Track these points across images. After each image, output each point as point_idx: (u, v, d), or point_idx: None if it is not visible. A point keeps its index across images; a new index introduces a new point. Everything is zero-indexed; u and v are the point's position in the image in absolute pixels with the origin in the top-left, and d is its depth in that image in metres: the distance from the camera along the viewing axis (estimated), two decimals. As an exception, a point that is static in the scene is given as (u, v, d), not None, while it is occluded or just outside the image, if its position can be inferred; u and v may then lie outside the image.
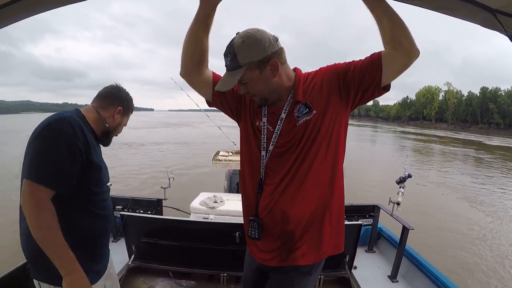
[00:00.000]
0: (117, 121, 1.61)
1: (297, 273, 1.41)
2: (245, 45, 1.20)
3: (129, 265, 2.94)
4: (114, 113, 1.58)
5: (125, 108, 1.64)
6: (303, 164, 1.31)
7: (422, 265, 2.86)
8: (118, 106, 1.59)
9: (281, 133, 1.34)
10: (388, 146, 30.35)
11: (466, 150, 29.26)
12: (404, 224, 2.88)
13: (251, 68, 1.23)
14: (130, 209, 3.49)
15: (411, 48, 1.13)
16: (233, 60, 1.22)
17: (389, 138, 42.20)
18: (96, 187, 1.45)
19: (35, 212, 1.22)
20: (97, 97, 1.60)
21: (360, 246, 3.19)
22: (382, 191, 10.17)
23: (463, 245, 6.86)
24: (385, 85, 1.24)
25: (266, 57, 1.22)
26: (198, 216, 3.62)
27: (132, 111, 1.73)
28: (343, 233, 1.48)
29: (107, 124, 1.56)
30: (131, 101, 1.69)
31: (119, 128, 1.67)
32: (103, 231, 1.54)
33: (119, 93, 1.63)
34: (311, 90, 1.32)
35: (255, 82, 1.27)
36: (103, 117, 1.54)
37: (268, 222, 1.38)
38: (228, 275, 2.92)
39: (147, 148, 22.92)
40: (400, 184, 3.24)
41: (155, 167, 14.40)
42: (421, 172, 15.67)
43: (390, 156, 21.99)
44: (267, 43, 1.21)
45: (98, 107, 1.55)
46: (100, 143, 1.59)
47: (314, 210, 1.34)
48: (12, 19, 1.14)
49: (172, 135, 37.28)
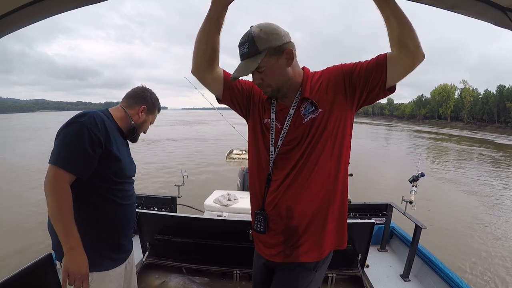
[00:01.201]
0: (142, 119, 1.73)
1: (302, 269, 1.44)
2: (264, 32, 1.25)
3: (143, 262, 2.99)
4: (139, 111, 1.71)
5: (149, 106, 1.75)
6: (308, 161, 1.34)
7: (435, 264, 2.84)
8: (142, 105, 1.72)
9: (288, 129, 1.37)
10: (402, 145, 29.92)
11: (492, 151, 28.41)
12: (416, 223, 2.87)
13: (269, 54, 1.26)
14: (144, 207, 3.55)
15: (416, 51, 1.14)
16: (252, 47, 1.26)
17: (404, 136, 41.58)
18: (117, 177, 1.54)
19: (51, 190, 1.33)
20: (124, 97, 1.74)
21: (372, 245, 3.18)
22: (395, 190, 10.06)
23: (478, 245, 6.76)
24: (390, 86, 1.26)
25: (283, 45, 1.28)
26: (212, 213, 3.64)
27: (159, 110, 1.86)
28: (345, 229, 1.50)
29: (132, 122, 1.69)
30: (156, 100, 1.81)
31: (145, 125, 1.78)
32: (124, 220, 1.62)
33: (143, 93, 1.75)
34: (318, 89, 1.35)
35: (271, 70, 1.30)
36: (129, 115, 1.68)
37: (273, 217, 1.42)
38: (241, 272, 2.94)
39: (169, 144, 23.87)
40: (413, 182, 3.23)
41: (171, 163, 15.04)
42: (435, 173, 15.43)
43: (405, 155, 21.70)
44: (283, 32, 1.28)
45: (125, 106, 1.70)
46: (128, 139, 1.73)
47: (318, 207, 1.37)
48: (27, 22, 1.16)
49: (190, 132, 38.34)
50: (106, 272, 1.53)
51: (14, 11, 1.06)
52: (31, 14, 1.12)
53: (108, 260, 1.55)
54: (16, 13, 1.08)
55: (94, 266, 1.43)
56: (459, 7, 1.13)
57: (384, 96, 1.31)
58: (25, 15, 1.11)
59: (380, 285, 2.86)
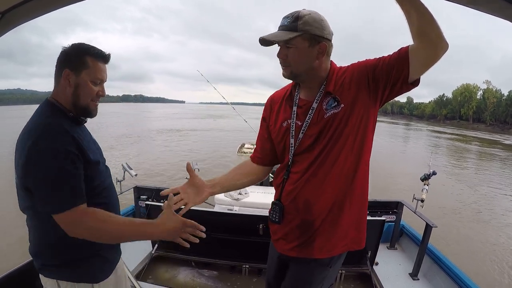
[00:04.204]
0: (72, 87, 1.26)
1: (316, 264, 1.44)
2: (310, 17, 1.25)
3: (152, 254, 3.05)
4: (63, 80, 1.26)
5: (73, 64, 1.25)
6: (328, 157, 1.34)
7: (444, 263, 2.80)
8: (63, 69, 1.25)
9: (310, 123, 1.37)
10: (420, 144, 29.34)
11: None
12: (427, 222, 2.84)
13: (304, 37, 1.26)
14: (154, 199, 3.60)
15: (438, 40, 1.10)
16: (293, 23, 1.26)
17: (423, 136, 40.72)
18: (98, 179, 1.33)
19: (84, 233, 1.18)
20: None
21: (382, 243, 3.16)
22: (408, 188, 9.91)
23: (490, 247, 6.64)
24: (414, 80, 1.23)
25: (321, 37, 1.28)
26: (223, 207, 3.66)
27: (96, 56, 1.29)
28: (364, 228, 1.49)
29: (66, 100, 1.29)
30: (81, 50, 1.27)
31: (86, 90, 1.28)
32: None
33: (60, 56, 1.27)
34: (341, 84, 1.34)
35: (298, 52, 1.29)
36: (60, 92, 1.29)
37: (290, 210, 1.43)
38: (250, 267, 2.97)
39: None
40: (424, 181, 3.19)
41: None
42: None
43: (422, 154, 21.29)
44: (328, 28, 1.29)
45: (55, 87, 1.30)
46: (83, 121, 1.37)
47: (335, 203, 1.37)
48: (43, 10, 1.16)
49: (215, 125, 40.22)
50: (107, 279, 1.40)
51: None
52: (47, 2, 1.13)
53: (108, 264, 1.41)
54: (32, 2, 1.09)
55: (97, 278, 1.34)
56: (476, 3, 1.09)
57: (407, 90, 1.27)
58: (41, 3, 1.12)
59: (389, 283, 2.84)
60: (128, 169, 3.31)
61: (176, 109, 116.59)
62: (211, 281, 2.94)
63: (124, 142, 20.49)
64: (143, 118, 57.36)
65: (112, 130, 27.80)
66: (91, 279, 1.28)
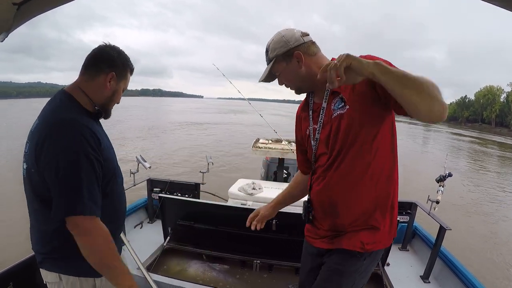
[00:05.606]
0: (111, 90, 1.35)
1: (350, 255, 1.42)
2: (273, 42, 1.40)
3: (164, 246, 3.08)
4: (106, 80, 1.32)
5: (119, 71, 1.36)
6: (344, 159, 1.35)
7: (456, 267, 2.76)
8: (110, 71, 1.32)
9: (323, 123, 1.41)
10: (437, 148, 28.70)
11: None
12: (441, 224, 2.79)
13: (278, 61, 1.41)
14: (167, 192, 3.64)
15: (429, 115, 1.09)
16: (267, 56, 1.44)
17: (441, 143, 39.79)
18: (112, 176, 1.37)
19: (88, 243, 1.22)
20: (83, 68, 1.34)
21: (394, 243, 3.12)
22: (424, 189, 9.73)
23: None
24: None
25: (290, 50, 1.37)
26: (236, 202, 3.65)
27: (131, 71, 1.43)
28: (395, 229, 1.50)
29: (98, 99, 1.34)
30: (126, 59, 1.38)
31: (117, 96, 1.40)
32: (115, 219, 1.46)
33: (108, 54, 1.33)
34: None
35: (285, 73, 1.43)
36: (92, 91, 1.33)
37: (319, 212, 1.52)
38: (261, 262, 2.96)
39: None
40: (440, 182, 3.13)
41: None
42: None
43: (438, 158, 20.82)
44: (291, 38, 1.37)
45: (86, 80, 1.32)
46: (99, 117, 1.40)
47: (359, 204, 1.39)
48: (60, 1, 1.11)
49: (237, 119, 42.44)
50: None
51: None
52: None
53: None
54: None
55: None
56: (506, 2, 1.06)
57: None
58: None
59: (400, 284, 2.80)
60: (142, 161, 3.37)
61: (197, 104, 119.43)
62: (222, 275, 2.95)
63: (147, 136, 21.65)
64: (167, 112, 60.60)
65: (142, 123, 30.61)
66: (94, 273, 1.28)
